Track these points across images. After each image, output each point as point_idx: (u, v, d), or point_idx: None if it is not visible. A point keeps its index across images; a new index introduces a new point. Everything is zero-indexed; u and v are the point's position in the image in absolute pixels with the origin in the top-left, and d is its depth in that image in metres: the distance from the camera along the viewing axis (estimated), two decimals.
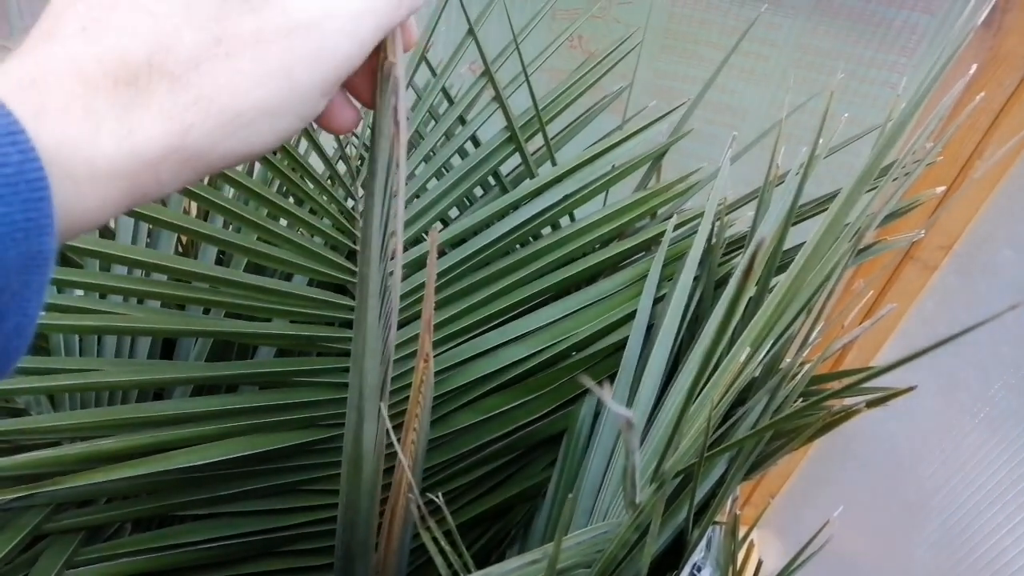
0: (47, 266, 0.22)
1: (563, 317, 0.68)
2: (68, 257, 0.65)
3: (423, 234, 0.70)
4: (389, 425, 0.46)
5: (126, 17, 0.24)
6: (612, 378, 0.63)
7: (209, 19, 0.24)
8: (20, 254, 0.21)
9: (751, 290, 0.54)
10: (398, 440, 0.49)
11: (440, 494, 0.51)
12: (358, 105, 0.33)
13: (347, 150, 0.76)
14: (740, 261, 0.60)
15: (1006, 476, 0.71)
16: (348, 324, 0.66)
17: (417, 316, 0.67)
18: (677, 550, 0.50)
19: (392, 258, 0.40)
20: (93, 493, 0.58)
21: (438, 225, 0.71)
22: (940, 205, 0.81)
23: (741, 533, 0.53)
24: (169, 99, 0.24)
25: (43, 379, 0.55)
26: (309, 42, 0.26)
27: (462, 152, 0.73)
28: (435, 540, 0.45)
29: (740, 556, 0.52)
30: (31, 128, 0.21)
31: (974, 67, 0.51)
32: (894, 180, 0.49)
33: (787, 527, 1.21)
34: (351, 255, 0.67)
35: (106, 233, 0.68)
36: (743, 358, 0.44)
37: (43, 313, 0.57)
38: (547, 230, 0.72)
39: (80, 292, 0.62)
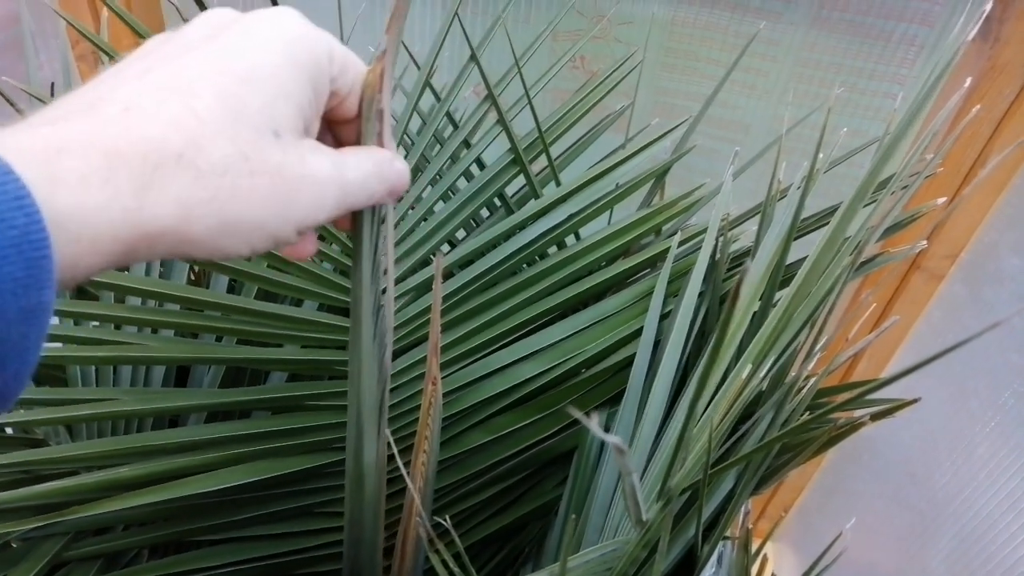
0: (46, 317, 0.23)
1: (571, 335, 0.69)
2: (84, 290, 0.66)
3: (431, 256, 0.71)
4: (395, 449, 0.47)
5: (173, 112, 0.26)
6: (621, 394, 0.63)
7: (244, 140, 0.27)
8: (20, 307, 0.22)
9: (753, 307, 0.54)
10: (406, 463, 0.50)
11: (448, 517, 0.51)
12: None
13: None
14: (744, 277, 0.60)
15: (1019, 484, 0.71)
16: None
17: (426, 338, 0.68)
18: (688, 566, 0.51)
19: (384, 274, 0.41)
20: (111, 521, 0.59)
21: (444, 249, 0.72)
22: (944, 215, 0.81)
23: (754, 547, 0.53)
24: (188, 190, 0.26)
25: (61, 410, 0.57)
26: (311, 189, 0.30)
27: (468, 175, 0.74)
28: (444, 563, 0.46)
29: (754, 570, 0.53)
30: (45, 192, 0.22)
31: (969, 80, 0.51)
32: (893, 193, 0.50)
33: (802, 540, 1.20)
34: None
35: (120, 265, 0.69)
36: (745, 374, 0.44)
37: (60, 345, 0.58)
38: (553, 249, 0.72)
39: (95, 323, 0.63)
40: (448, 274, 0.70)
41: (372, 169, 0.33)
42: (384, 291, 0.42)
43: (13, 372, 0.23)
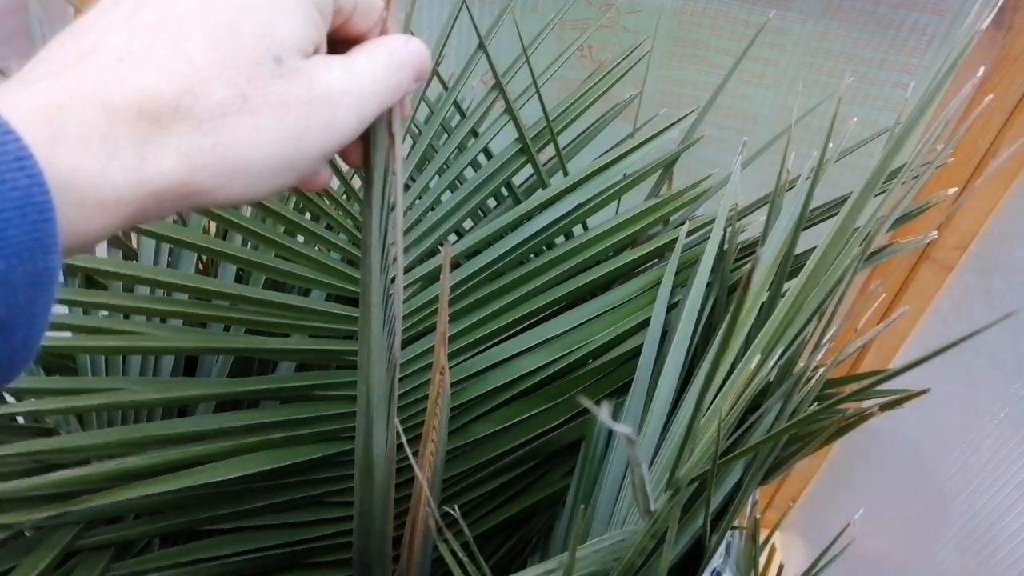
0: (52, 283, 0.23)
1: (578, 325, 0.69)
2: (93, 279, 0.67)
3: (438, 246, 0.71)
4: (404, 439, 0.47)
5: (166, 58, 0.25)
6: (628, 385, 0.63)
7: (241, 77, 0.26)
8: (26, 272, 0.22)
9: (761, 297, 0.54)
10: (415, 453, 0.50)
11: (457, 506, 0.51)
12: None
13: None
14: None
15: None
16: None
17: (433, 328, 0.68)
18: (696, 556, 0.51)
19: (393, 263, 0.41)
20: (122, 510, 0.59)
21: (451, 239, 0.72)
22: (954, 205, 0.81)
23: (763, 537, 0.53)
24: (188, 140, 0.25)
25: (71, 399, 0.57)
26: (324, 112, 0.28)
27: (475, 164, 0.74)
28: (453, 552, 0.46)
29: (762, 560, 0.53)
30: (47, 154, 0.22)
31: (982, 69, 0.51)
32: (903, 184, 0.50)
33: (811, 530, 1.20)
34: None
35: (129, 255, 0.70)
36: (753, 364, 0.44)
37: (70, 334, 0.58)
38: (560, 239, 0.72)
39: (105, 313, 0.63)
40: (455, 264, 0.70)
41: (387, 59, 0.31)
42: (394, 280, 0.42)
43: (22, 338, 0.23)
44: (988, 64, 0.74)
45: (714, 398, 0.48)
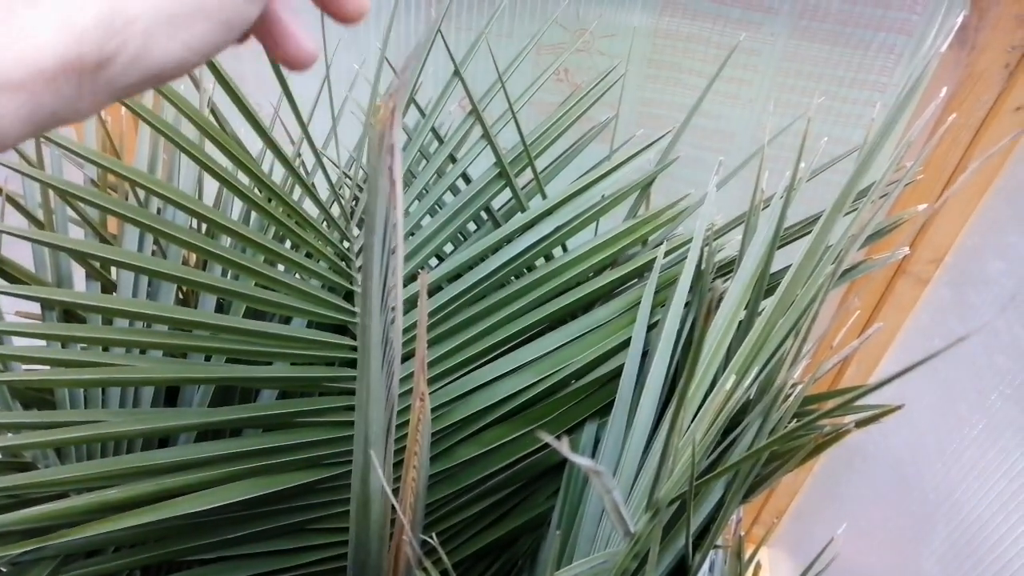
0: None
1: (560, 346, 0.69)
2: (71, 312, 0.66)
3: (419, 270, 0.71)
4: (380, 470, 0.47)
5: None
6: (611, 404, 0.64)
7: None
8: None
9: (739, 316, 0.54)
10: (395, 483, 0.50)
11: (444, 529, 0.51)
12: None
13: (340, 191, 0.78)
14: (729, 286, 0.61)
15: (1007, 486, 0.71)
16: (348, 363, 0.67)
17: (415, 354, 0.68)
18: (680, 575, 0.51)
19: (392, 309, 0.41)
20: (101, 543, 0.59)
21: (432, 263, 0.72)
22: (925, 220, 0.82)
23: (748, 553, 0.53)
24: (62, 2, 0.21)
25: (49, 433, 0.56)
26: None
27: (454, 189, 0.75)
28: None
29: None
30: None
31: (945, 89, 0.52)
32: (873, 202, 0.50)
33: (798, 544, 1.21)
34: (348, 296, 0.68)
35: (107, 287, 0.69)
36: (729, 385, 0.44)
37: (47, 368, 0.58)
38: (540, 261, 0.73)
39: (83, 346, 0.63)
40: (436, 288, 0.70)
41: None
42: (393, 321, 0.43)
43: None
44: (954, 82, 0.76)
45: (693, 418, 0.48)
